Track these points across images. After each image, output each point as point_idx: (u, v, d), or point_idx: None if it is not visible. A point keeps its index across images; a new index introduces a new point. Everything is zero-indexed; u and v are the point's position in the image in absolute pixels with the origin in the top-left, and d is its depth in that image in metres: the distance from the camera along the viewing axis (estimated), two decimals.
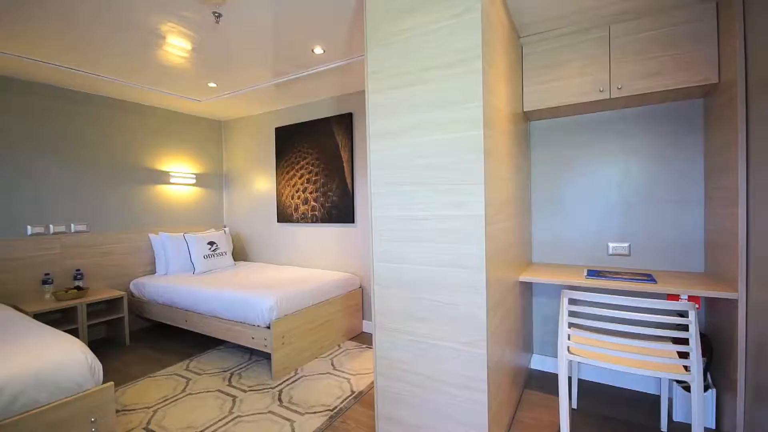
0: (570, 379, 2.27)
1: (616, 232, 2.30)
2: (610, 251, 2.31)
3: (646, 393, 2.22)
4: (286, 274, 3.38)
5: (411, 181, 1.60)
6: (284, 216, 3.97)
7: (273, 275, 3.33)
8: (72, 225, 3.16)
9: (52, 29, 2.18)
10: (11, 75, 2.83)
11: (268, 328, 2.48)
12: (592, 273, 2.06)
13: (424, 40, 1.54)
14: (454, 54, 1.47)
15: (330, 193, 3.63)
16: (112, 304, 3.21)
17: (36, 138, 2.97)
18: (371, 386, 2.37)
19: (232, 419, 2.02)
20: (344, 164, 3.53)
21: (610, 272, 2.07)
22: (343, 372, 2.58)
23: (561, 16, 2.00)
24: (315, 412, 2.07)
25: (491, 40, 1.55)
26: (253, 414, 2.07)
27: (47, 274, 2.93)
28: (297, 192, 3.87)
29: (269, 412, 2.09)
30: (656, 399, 2.15)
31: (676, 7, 1.85)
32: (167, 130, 3.92)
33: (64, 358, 1.56)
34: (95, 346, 3.16)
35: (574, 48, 2.11)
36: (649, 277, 1.90)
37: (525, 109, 2.27)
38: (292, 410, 2.10)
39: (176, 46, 2.43)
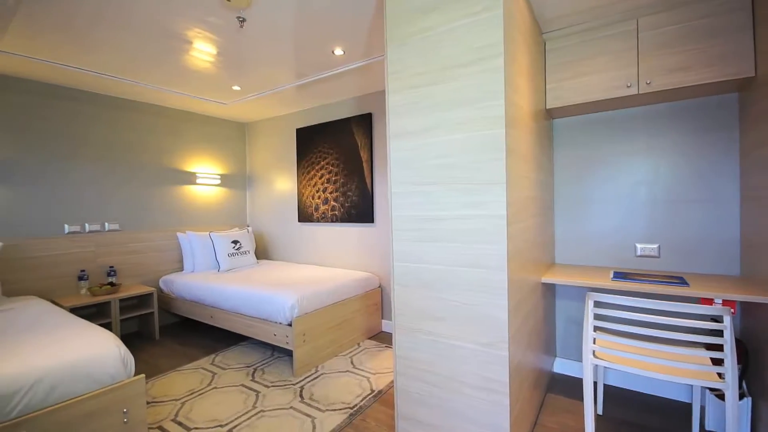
0: (595, 384, 2.21)
1: (644, 233, 2.22)
2: (638, 252, 2.23)
3: (676, 401, 2.13)
4: (307, 273, 3.44)
5: (431, 181, 1.60)
6: (305, 216, 4.03)
7: (294, 274, 3.39)
8: (106, 224, 3.32)
9: (92, 40, 2.29)
10: (55, 82, 3.00)
11: (290, 325, 2.53)
12: (619, 275, 1.99)
13: (444, 39, 1.53)
14: (475, 52, 1.45)
15: (349, 193, 3.66)
16: (143, 299, 3.35)
17: (73, 141, 3.14)
18: (391, 385, 2.38)
19: (256, 414, 2.07)
20: (364, 164, 3.55)
21: (638, 274, 2.00)
22: (363, 370, 2.60)
23: (585, 10, 1.95)
24: (335, 410, 2.10)
25: (513, 37, 1.52)
26: (275, 409, 2.11)
27: (83, 270, 3.09)
28: (317, 192, 3.92)
29: (291, 407, 2.13)
30: (687, 407, 2.06)
31: None
32: (194, 132, 4.05)
33: (99, 351, 1.64)
34: (127, 339, 3.31)
35: (599, 43, 2.05)
36: (681, 280, 1.82)
37: (548, 107, 2.22)
38: (313, 407, 2.13)
39: (202, 50, 2.51)
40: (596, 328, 1.76)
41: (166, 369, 2.69)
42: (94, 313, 3.11)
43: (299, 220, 4.09)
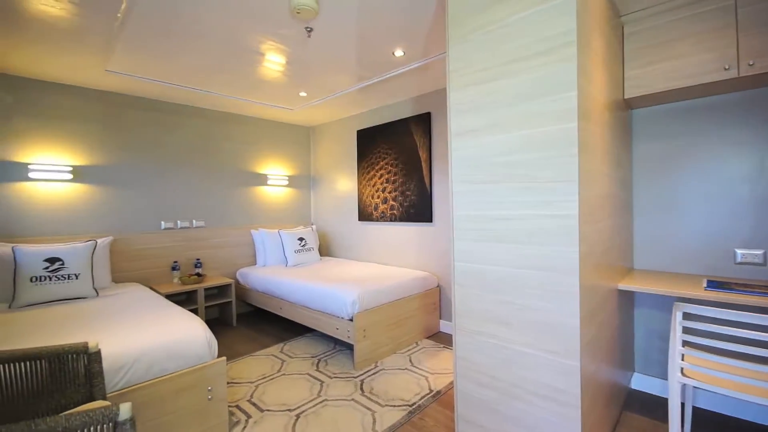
0: (682, 405, 1.97)
1: (746, 237, 1.92)
2: (738, 259, 1.94)
3: None
4: (367, 270, 3.54)
5: (495, 179, 1.55)
6: (365, 215, 4.15)
7: (354, 271, 3.51)
8: (194, 221, 3.75)
9: (180, 58, 2.61)
10: (150, 96, 3.46)
11: (351, 320, 2.64)
12: (713, 284, 1.76)
13: (509, 32, 1.48)
14: (544, 42, 1.38)
15: (408, 193, 3.69)
16: (223, 289, 3.72)
17: (166, 149, 3.58)
18: (450, 387, 2.36)
19: (320, 402, 2.19)
20: (422, 163, 3.55)
21: (737, 284, 1.74)
22: (421, 369, 2.61)
23: None
24: (394, 405, 2.14)
25: (586, 23, 1.42)
26: (338, 399, 2.22)
27: (175, 261, 3.52)
28: (376, 192, 4.01)
29: (352, 399, 2.22)
30: None
31: None
32: (265, 137, 4.39)
33: (189, 334, 1.86)
34: (209, 325, 3.70)
35: (688, 22, 1.82)
36: None
37: (626, 96, 2.03)
38: (373, 401, 2.20)
39: (273, 61, 2.71)
40: (685, 343, 1.57)
41: (242, 353, 2.96)
42: (184, 300, 3.52)
43: (359, 219, 4.21)
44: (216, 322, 3.78)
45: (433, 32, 2.31)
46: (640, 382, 2.28)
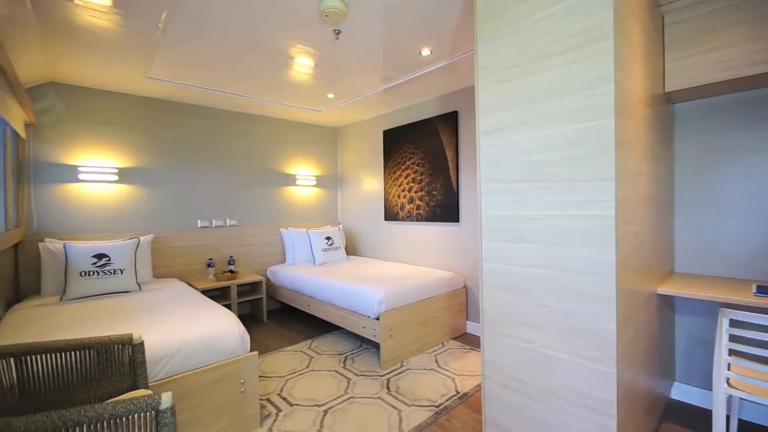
0: (728, 417, 1.85)
1: None
2: None
3: None
4: (393, 270, 3.55)
5: (526, 179, 1.52)
6: (391, 214, 4.16)
7: (381, 270, 3.53)
8: (227, 220, 3.90)
9: (215, 64, 2.72)
10: (191, 102, 3.62)
11: (377, 319, 2.66)
12: (764, 290, 1.64)
13: (541, 26, 1.44)
14: (579, 35, 1.34)
15: (435, 192, 3.66)
16: (254, 286, 3.85)
17: (201, 151, 3.75)
18: (477, 389, 2.33)
19: (347, 399, 2.23)
20: (449, 163, 3.52)
21: None
22: (448, 370, 2.59)
23: None
24: (420, 406, 2.14)
25: (624, 13, 1.36)
26: (364, 397, 2.25)
27: (210, 259, 3.68)
28: (403, 191, 4.01)
29: (378, 398, 2.24)
30: None
31: None
32: (294, 138, 4.50)
33: (224, 328, 1.94)
34: (241, 320, 3.83)
35: (736, 8, 1.70)
36: None
37: (667, 90, 1.92)
38: (399, 400, 2.21)
39: (302, 64, 2.77)
40: (732, 352, 1.48)
41: (272, 348, 3.05)
42: (218, 296, 3.67)
43: (385, 219, 4.23)
44: (247, 318, 3.92)
45: (461, 30, 2.28)
46: (680, 391, 2.16)
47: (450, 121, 3.49)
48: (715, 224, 2.04)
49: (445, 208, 3.57)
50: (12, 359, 1.24)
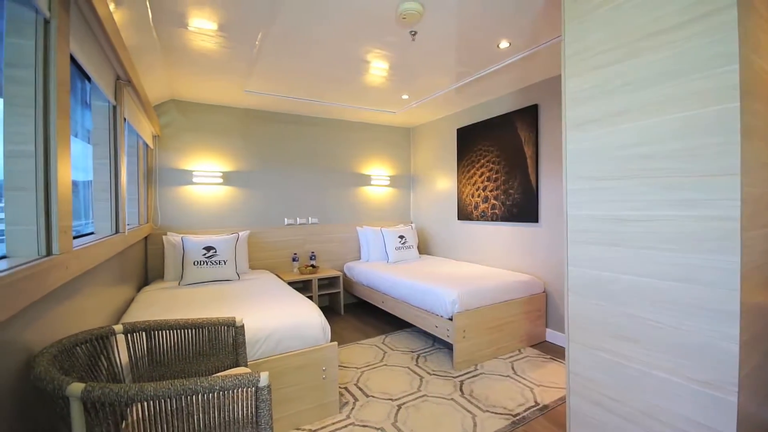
0: None
1: None
2: None
3: None
4: (466, 270, 3.47)
5: (621, 175, 1.38)
6: (464, 214, 4.07)
7: (454, 270, 3.48)
8: (309, 218, 4.21)
9: (300, 75, 2.95)
10: (280, 110, 3.99)
11: (450, 320, 2.63)
12: None
13: (643, 2, 1.29)
14: (690, 9, 1.17)
15: (511, 191, 3.49)
16: (332, 281, 4.10)
17: (289, 155, 4.09)
18: (559, 402, 2.18)
19: (420, 396, 2.25)
20: (527, 160, 3.32)
21: None
22: (525, 379, 2.46)
23: None
24: (495, 413, 2.07)
25: None
26: (437, 397, 2.25)
27: (295, 253, 4.01)
28: (477, 190, 3.90)
29: (452, 399, 2.22)
30: None
31: None
32: (369, 140, 4.66)
33: (308, 317, 2.11)
34: (322, 311, 4.10)
35: None
36: None
37: None
38: (473, 404, 2.17)
39: (378, 67, 2.86)
40: None
41: (349, 341, 3.22)
42: (301, 288, 3.99)
43: (458, 218, 4.15)
44: (326, 310, 4.18)
45: (544, 16, 2.14)
46: None
47: (529, 115, 3.29)
48: None
49: (522, 207, 3.38)
50: (144, 333, 1.51)
